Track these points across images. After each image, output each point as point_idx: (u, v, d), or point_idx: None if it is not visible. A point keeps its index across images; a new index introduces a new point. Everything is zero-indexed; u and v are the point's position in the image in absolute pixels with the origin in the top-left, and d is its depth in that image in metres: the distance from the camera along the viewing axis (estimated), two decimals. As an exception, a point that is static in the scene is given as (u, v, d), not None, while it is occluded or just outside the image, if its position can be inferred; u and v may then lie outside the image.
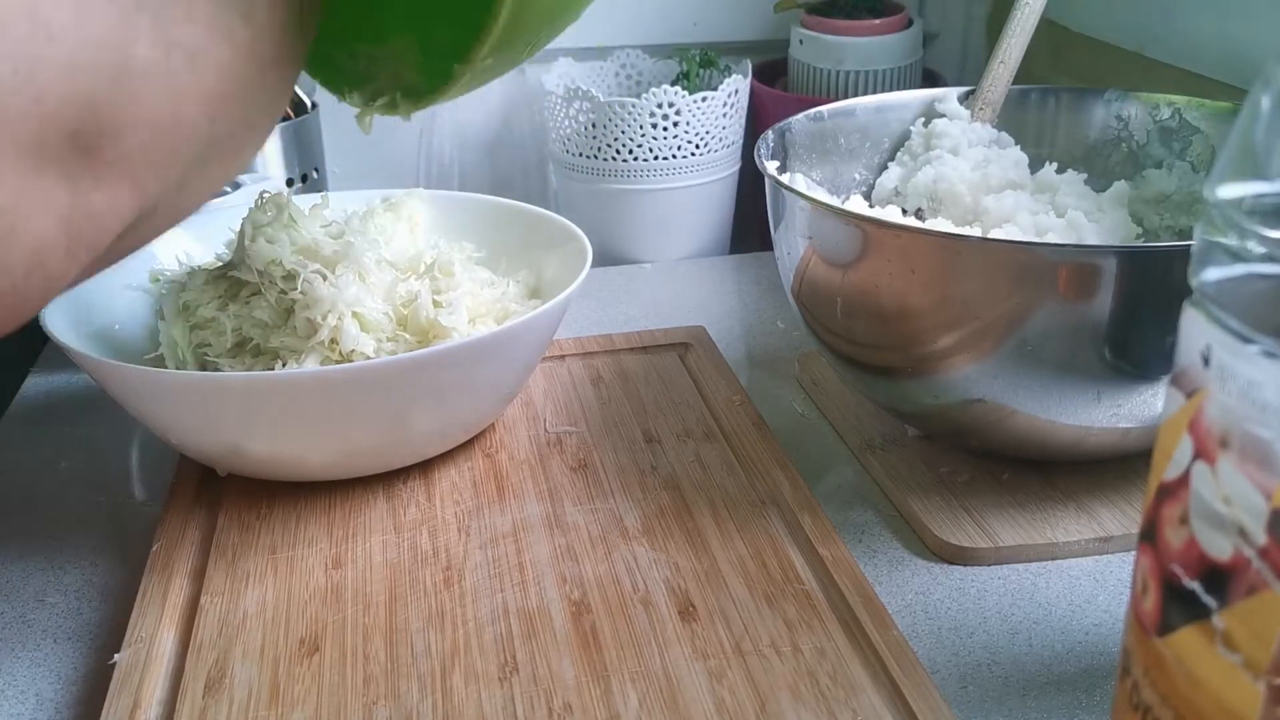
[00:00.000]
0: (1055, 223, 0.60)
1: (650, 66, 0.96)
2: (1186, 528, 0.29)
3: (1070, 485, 0.57)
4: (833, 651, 0.47)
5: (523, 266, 0.67)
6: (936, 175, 0.65)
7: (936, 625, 0.50)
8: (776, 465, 0.59)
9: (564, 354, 0.72)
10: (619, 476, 0.59)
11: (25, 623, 0.52)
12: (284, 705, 0.45)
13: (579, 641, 0.48)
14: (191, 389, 0.53)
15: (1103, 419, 0.52)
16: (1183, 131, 0.66)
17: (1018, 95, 0.70)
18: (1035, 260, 0.49)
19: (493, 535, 0.55)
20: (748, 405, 0.65)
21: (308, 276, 0.56)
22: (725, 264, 0.91)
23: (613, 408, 0.66)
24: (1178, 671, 0.30)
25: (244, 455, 0.56)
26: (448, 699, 0.45)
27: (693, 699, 0.44)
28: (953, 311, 0.51)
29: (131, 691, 0.46)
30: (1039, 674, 0.47)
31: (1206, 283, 0.29)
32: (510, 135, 0.94)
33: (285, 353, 0.56)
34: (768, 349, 0.76)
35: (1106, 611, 0.50)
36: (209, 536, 0.56)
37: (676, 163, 0.88)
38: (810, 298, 0.58)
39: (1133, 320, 0.49)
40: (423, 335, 0.58)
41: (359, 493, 0.58)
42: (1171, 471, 0.30)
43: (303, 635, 0.49)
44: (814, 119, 0.68)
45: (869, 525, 0.57)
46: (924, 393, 0.55)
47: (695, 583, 0.51)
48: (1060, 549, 0.54)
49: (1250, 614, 0.27)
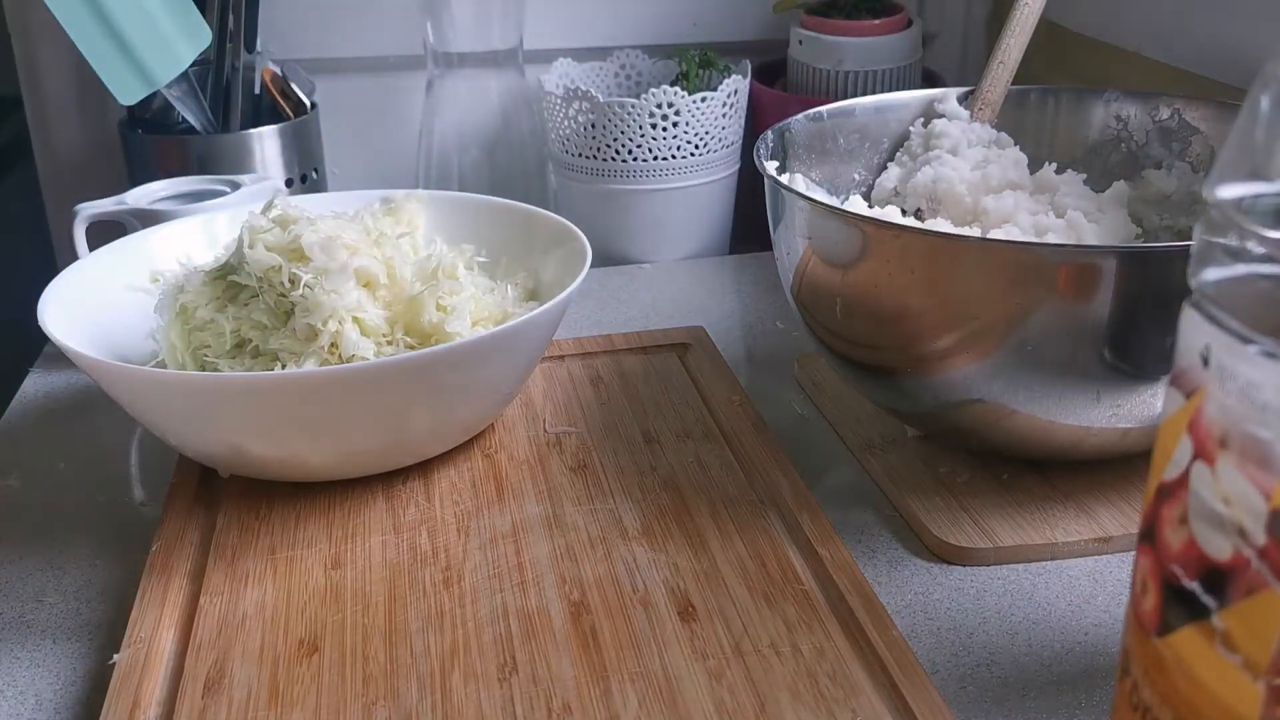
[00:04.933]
0: (1055, 223, 0.60)
1: (650, 67, 0.96)
2: (1186, 528, 0.29)
3: (1070, 485, 0.57)
4: (832, 652, 0.47)
5: (522, 267, 0.67)
6: (936, 175, 0.65)
7: (936, 625, 0.50)
8: (776, 466, 0.59)
9: (563, 354, 0.72)
10: (618, 477, 0.59)
11: (24, 623, 0.52)
12: (283, 705, 0.45)
13: (578, 642, 0.48)
14: (191, 390, 0.53)
15: (1102, 419, 0.52)
16: (1182, 132, 0.66)
17: (1017, 95, 0.70)
18: (1035, 260, 0.49)
19: (492, 536, 0.55)
20: (747, 406, 0.65)
21: (308, 282, 0.56)
22: (725, 264, 0.91)
23: (612, 408, 0.66)
24: (1177, 672, 0.30)
25: (244, 455, 0.56)
26: (447, 699, 0.45)
27: (692, 699, 0.44)
28: (952, 312, 0.51)
29: (131, 691, 0.46)
30: (1038, 674, 0.47)
31: (1206, 283, 0.29)
32: (510, 135, 0.94)
33: (284, 354, 0.56)
34: (767, 349, 0.76)
35: (1106, 612, 0.50)
36: (208, 537, 0.56)
37: (676, 163, 0.88)
38: (810, 298, 0.58)
39: (1132, 320, 0.49)
40: (424, 340, 0.58)
41: (358, 493, 0.58)
42: (1171, 472, 0.30)
43: (302, 635, 0.49)
44: (813, 119, 0.68)
45: (868, 525, 0.57)
46: (924, 393, 0.55)
47: (695, 583, 0.51)
48: (1060, 549, 0.54)
49: (1250, 614, 0.27)
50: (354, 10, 0.98)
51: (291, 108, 0.88)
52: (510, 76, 0.93)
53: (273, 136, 0.85)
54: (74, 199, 0.74)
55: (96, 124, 0.97)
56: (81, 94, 0.96)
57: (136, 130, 0.85)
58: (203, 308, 0.59)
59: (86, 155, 0.98)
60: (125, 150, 0.86)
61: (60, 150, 0.98)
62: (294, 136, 0.86)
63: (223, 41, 0.85)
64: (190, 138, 0.84)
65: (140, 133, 0.85)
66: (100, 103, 0.95)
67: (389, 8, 0.98)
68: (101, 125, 0.97)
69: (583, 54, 0.95)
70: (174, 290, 0.60)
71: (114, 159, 0.91)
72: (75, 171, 0.99)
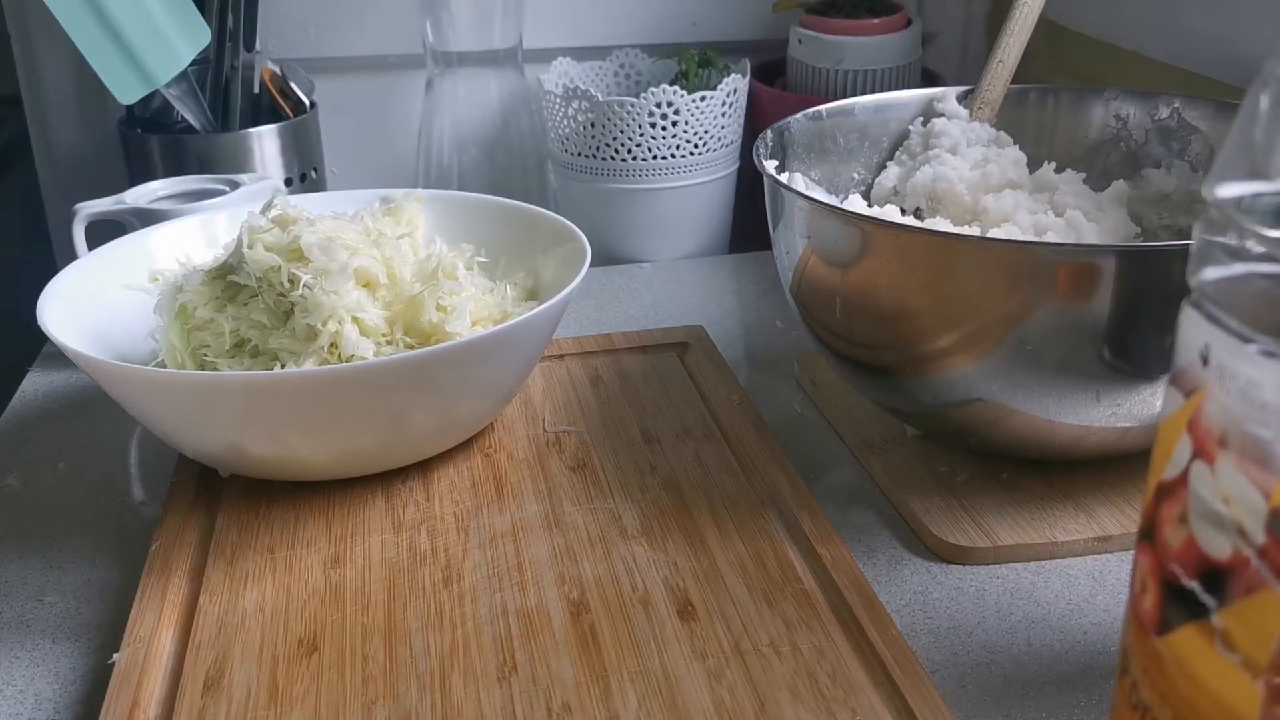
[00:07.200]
0: (1054, 222, 0.60)
1: (649, 66, 0.96)
2: (1185, 527, 0.29)
3: (1069, 485, 0.57)
4: (832, 651, 0.47)
5: (522, 267, 0.67)
6: (935, 174, 0.65)
7: (935, 624, 0.50)
8: (775, 465, 0.59)
9: (563, 354, 0.72)
10: (618, 476, 0.59)
11: (24, 622, 0.52)
12: (283, 705, 0.45)
13: (578, 641, 0.48)
14: (191, 389, 0.53)
15: (1102, 418, 0.52)
16: (1181, 131, 0.66)
17: (1017, 94, 0.70)
18: (1034, 260, 0.49)
19: (491, 535, 0.55)
20: (747, 405, 0.65)
21: (307, 283, 0.56)
22: (724, 264, 0.91)
23: (611, 407, 0.66)
24: (1177, 671, 0.30)
25: (243, 455, 0.56)
26: (446, 699, 0.45)
27: (692, 699, 0.44)
28: (952, 311, 0.51)
29: (130, 691, 0.46)
30: (1038, 673, 0.47)
31: (1205, 282, 0.29)
32: (509, 135, 0.94)
33: (284, 354, 0.56)
34: (767, 349, 0.76)
35: (1105, 611, 0.50)
36: (208, 536, 0.56)
37: (675, 162, 0.88)
38: (809, 297, 0.58)
39: (1132, 320, 0.49)
40: (424, 340, 0.58)
41: (358, 492, 0.58)
42: (1170, 471, 0.30)
43: (301, 635, 0.49)
44: (813, 118, 0.68)
45: (868, 525, 0.57)
46: (924, 392, 0.55)
47: (694, 582, 0.51)
48: (1059, 548, 0.54)
49: (1249, 613, 0.27)
50: (353, 10, 0.98)
51: (291, 107, 0.88)
52: (510, 76, 0.93)
53: (272, 136, 0.85)
54: (74, 198, 0.74)
55: (96, 123, 0.97)
56: (81, 93, 0.96)
57: (136, 130, 0.85)
58: (202, 307, 0.59)
59: (86, 155, 0.98)
60: (125, 150, 0.86)
61: (60, 150, 0.98)
62: (293, 136, 0.86)
63: (222, 40, 0.85)
64: (189, 137, 0.84)
65: (140, 132, 0.85)
66: (100, 102, 0.95)
67: (388, 7, 0.98)
68: (101, 125, 0.97)
69: (582, 53, 0.95)
70: (173, 290, 0.60)
71: (113, 158, 0.91)
72: (75, 171, 0.99)
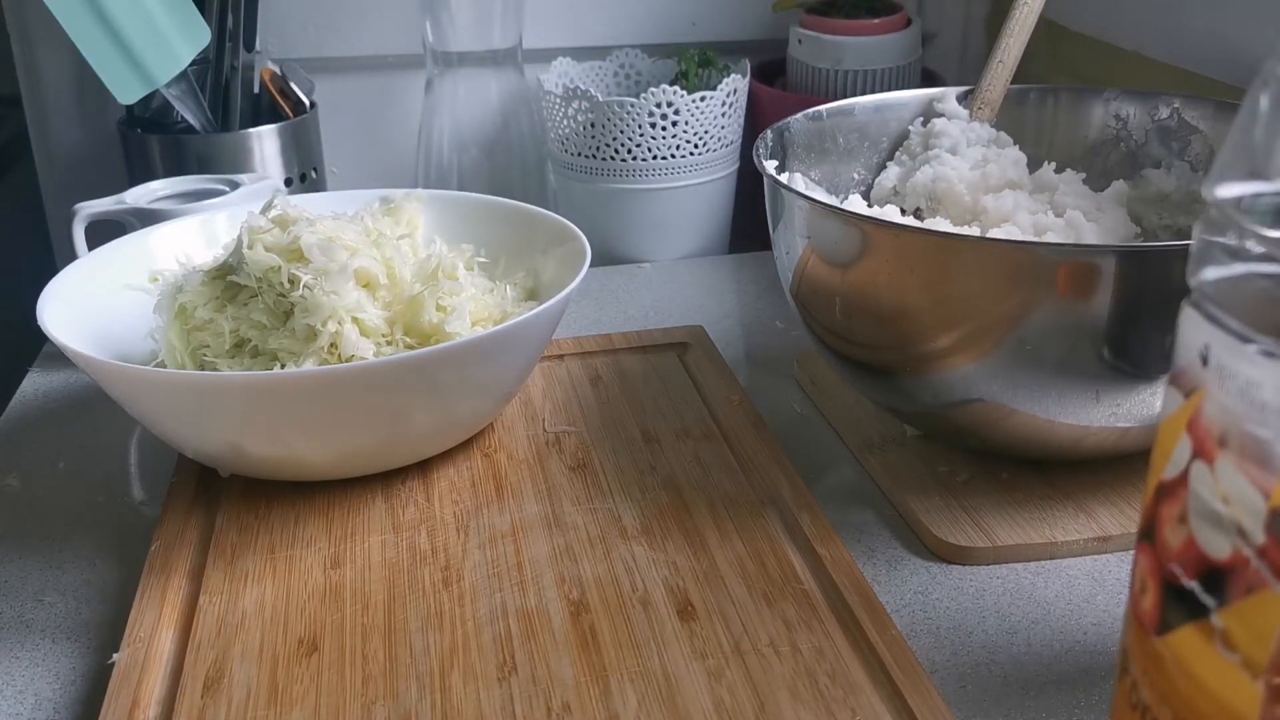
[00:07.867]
0: (1054, 222, 0.60)
1: (649, 66, 0.96)
2: (1185, 527, 0.29)
3: (1069, 485, 0.57)
4: (831, 651, 0.47)
5: (521, 267, 0.67)
6: (935, 175, 0.65)
7: (935, 625, 0.50)
8: (775, 465, 0.59)
9: (563, 354, 0.72)
10: (618, 476, 0.59)
11: (24, 622, 0.52)
12: (282, 705, 0.45)
13: (578, 641, 0.48)
14: (191, 389, 0.53)
15: (1101, 418, 0.52)
16: (1181, 131, 0.66)
17: (1016, 95, 0.70)
18: (1034, 260, 0.49)
19: (491, 535, 0.55)
20: (746, 405, 0.65)
21: (307, 283, 0.56)
22: (724, 264, 0.91)
23: (611, 407, 0.66)
24: (1176, 671, 0.30)
25: (243, 455, 0.56)
26: (446, 699, 0.45)
27: (691, 699, 0.44)
28: (951, 311, 0.51)
29: (130, 691, 0.46)
30: (1038, 673, 0.47)
31: (1205, 282, 0.29)
32: (509, 135, 0.94)
33: (284, 354, 0.56)
34: (766, 349, 0.76)
35: (1105, 611, 0.50)
36: (208, 536, 0.56)
37: (675, 162, 0.88)
38: (809, 297, 0.58)
39: (1131, 320, 0.49)
40: (424, 340, 0.58)
41: (358, 492, 0.58)
42: (1170, 471, 0.30)
43: (301, 635, 0.49)
44: (813, 118, 0.68)
45: (868, 525, 0.57)
46: (923, 392, 0.55)
47: (694, 582, 0.51)
48: (1059, 548, 0.54)
49: (1249, 613, 0.27)
50: (353, 9, 0.98)
51: (291, 107, 0.88)
52: (509, 76, 0.93)
53: (272, 136, 0.85)
54: (73, 198, 0.74)
55: (96, 123, 0.97)
56: (81, 94, 0.96)
57: (136, 130, 0.85)
58: (202, 307, 0.59)
59: (86, 155, 0.98)
60: (124, 149, 0.86)
61: (60, 150, 0.98)
62: (293, 136, 0.86)
63: (222, 40, 0.85)
64: (189, 137, 0.84)
65: (139, 132, 0.85)
66: (99, 102, 0.95)
67: (388, 7, 0.98)
68: (101, 125, 0.97)
69: (582, 53, 0.95)
70: (173, 290, 0.60)
71: (113, 158, 0.91)
72: (74, 171, 0.99)
